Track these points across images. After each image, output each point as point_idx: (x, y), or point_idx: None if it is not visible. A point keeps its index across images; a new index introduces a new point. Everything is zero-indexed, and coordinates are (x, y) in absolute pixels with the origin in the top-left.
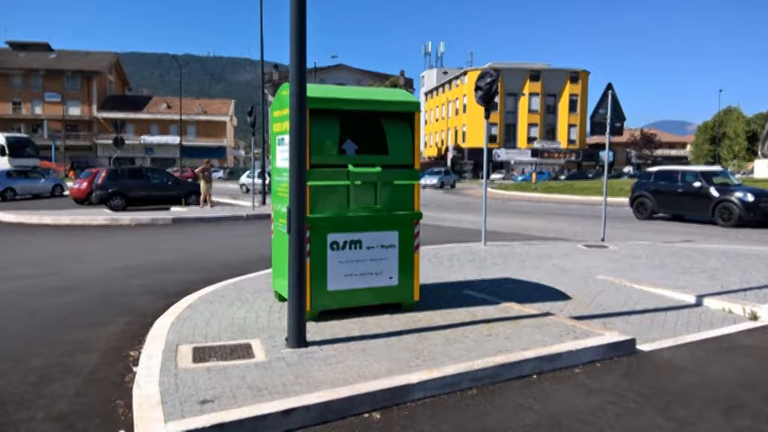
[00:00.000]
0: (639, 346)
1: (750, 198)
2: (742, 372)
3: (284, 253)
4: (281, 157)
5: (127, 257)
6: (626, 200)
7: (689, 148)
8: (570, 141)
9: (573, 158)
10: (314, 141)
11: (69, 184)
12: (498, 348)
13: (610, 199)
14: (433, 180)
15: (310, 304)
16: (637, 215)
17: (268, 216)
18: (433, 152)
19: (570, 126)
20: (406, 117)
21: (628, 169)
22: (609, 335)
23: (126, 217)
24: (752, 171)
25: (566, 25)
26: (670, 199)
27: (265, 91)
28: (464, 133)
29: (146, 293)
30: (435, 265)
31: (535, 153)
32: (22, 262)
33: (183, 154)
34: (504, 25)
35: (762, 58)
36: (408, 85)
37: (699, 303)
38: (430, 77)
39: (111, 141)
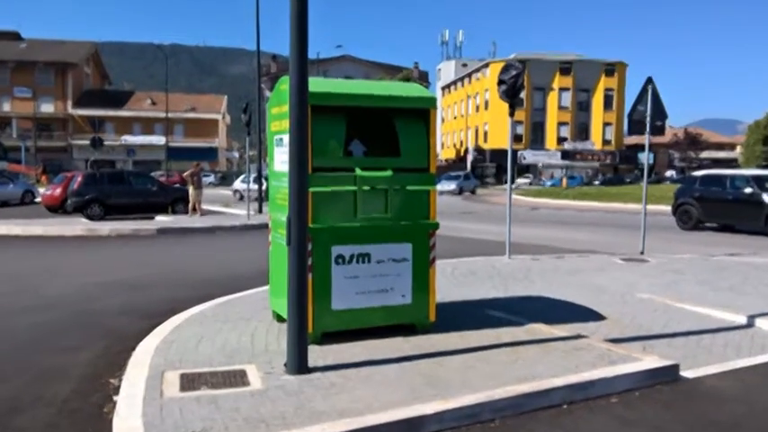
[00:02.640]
0: (683, 373)
1: None
2: None
3: (283, 268)
4: (280, 159)
5: (106, 273)
6: (668, 208)
7: (739, 149)
8: (605, 142)
9: (608, 161)
10: (316, 142)
11: (41, 190)
12: (524, 375)
13: (650, 207)
14: (451, 185)
15: (312, 325)
16: (680, 225)
17: (265, 226)
18: (450, 154)
19: (605, 125)
20: (421, 114)
21: (670, 173)
22: (649, 360)
23: (105, 227)
24: None
25: (600, 11)
26: (718, 207)
27: (262, 85)
28: (486, 133)
29: (127, 313)
30: (453, 281)
31: (566, 155)
32: None
33: (169, 156)
34: (530, 11)
35: None
36: (423, 78)
37: (750, 324)
38: (447, 70)
39: (88, 142)
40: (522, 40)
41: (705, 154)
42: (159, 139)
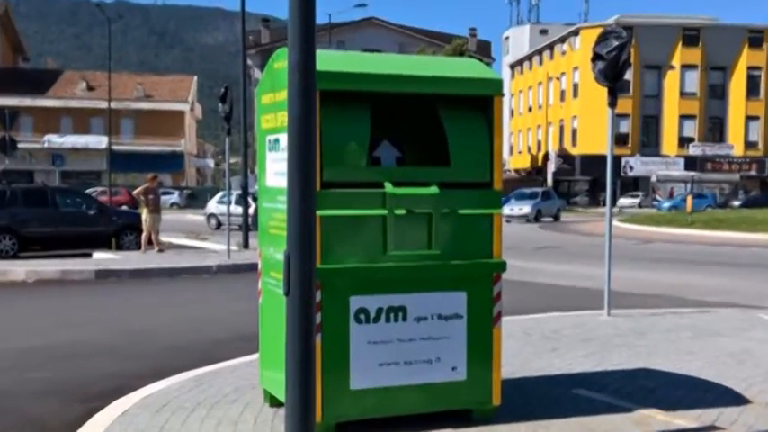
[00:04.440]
0: None
1: None
2: None
3: (279, 328)
4: (275, 169)
5: (22, 335)
6: None
7: None
8: (749, 144)
9: (753, 172)
10: (328, 144)
11: None
12: None
13: None
14: (525, 208)
15: (322, 412)
16: None
17: (252, 267)
18: (523, 162)
19: (748, 119)
20: (481, 104)
21: None
22: None
23: (19, 269)
24: None
25: None
26: None
27: (249, 62)
28: (574, 131)
29: (54, 393)
30: (527, 347)
31: (691, 163)
32: None
33: (113, 165)
34: None
35: None
36: (483, 51)
37: None
38: (518, 39)
39: None
40: None
41: None
42: (99, 141)
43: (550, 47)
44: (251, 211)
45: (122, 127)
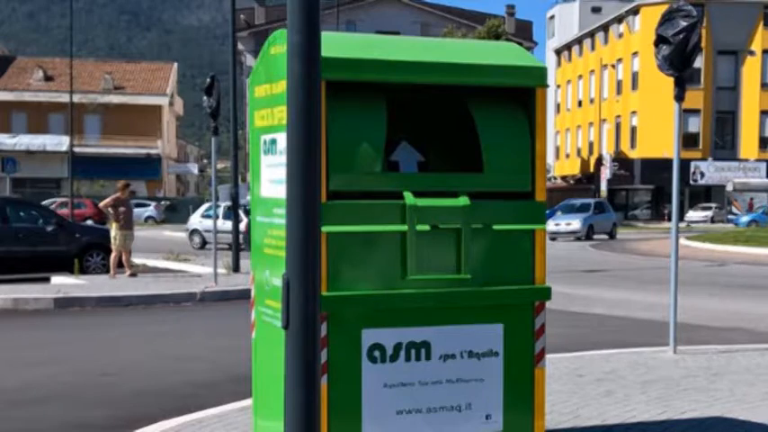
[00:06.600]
0: None
1: None
2: None
3: (277, 368)
4: (271, 176)
5: None
6: None
7: None
8: None
9: None
10: (336, 146)
11: None
12: None
13: None
14: (573, 222)
15: None
16: None
17: (243, 295)
18: (571, 168)
19: None
20: (520, 98)
21: None
22: None
23: None
24: None
25: None
26: None
27: (240, 46)
28: (633, 130)
29: None
30: (576, 390)
31: None
32: None
33: (76, 171)
34: None
35: None
36: (522, 34)
37: None
38: (565, 19)
39: None
40: None
41: None
42: (59, 142)
43: (604, 28)
44: (242, 226)
45: (87, 125)
